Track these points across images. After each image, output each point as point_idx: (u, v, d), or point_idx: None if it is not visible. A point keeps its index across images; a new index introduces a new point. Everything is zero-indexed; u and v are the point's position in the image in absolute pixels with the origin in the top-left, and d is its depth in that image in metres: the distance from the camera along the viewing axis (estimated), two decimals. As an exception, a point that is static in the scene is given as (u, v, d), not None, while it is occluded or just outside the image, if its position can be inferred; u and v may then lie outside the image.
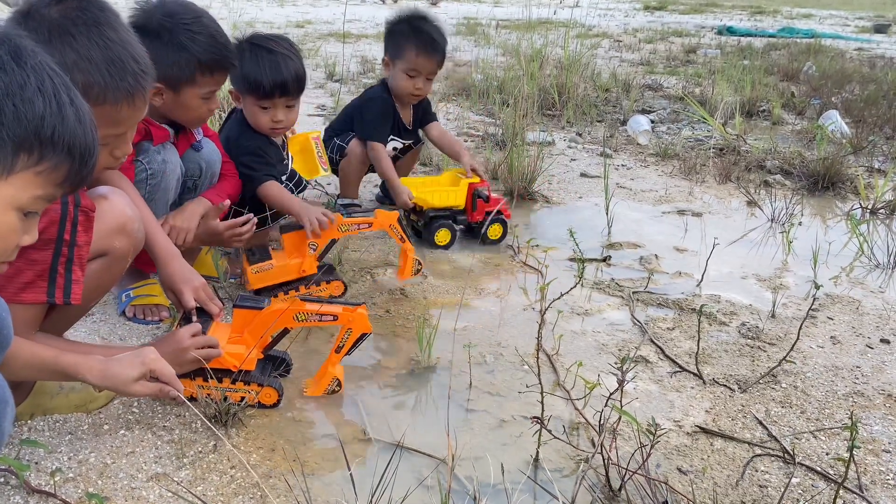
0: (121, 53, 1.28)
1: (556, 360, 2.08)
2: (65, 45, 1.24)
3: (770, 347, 2.21)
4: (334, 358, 1.85)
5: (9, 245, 1.02)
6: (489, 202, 2.86)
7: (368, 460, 1.62)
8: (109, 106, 1.28)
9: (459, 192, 2.86)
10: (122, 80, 1.28)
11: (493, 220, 2.85)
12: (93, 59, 1.25)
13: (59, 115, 0.95)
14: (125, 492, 1.47)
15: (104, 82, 1.26)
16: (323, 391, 1.85)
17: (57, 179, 0.98)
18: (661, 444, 1.72)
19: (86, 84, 1.25)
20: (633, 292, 2.53)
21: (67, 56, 1.24)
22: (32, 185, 0.96)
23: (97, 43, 1.26)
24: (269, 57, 2.35)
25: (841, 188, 3.78)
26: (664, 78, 6.70)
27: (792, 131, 4.96)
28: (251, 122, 2.46)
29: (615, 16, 13.60)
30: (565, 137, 4.64)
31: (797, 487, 1.62)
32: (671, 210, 3.43)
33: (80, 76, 1.24)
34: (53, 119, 0.95)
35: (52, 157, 0.96)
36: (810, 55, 8.01)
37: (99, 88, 1.26)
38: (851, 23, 14.00)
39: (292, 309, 1.77)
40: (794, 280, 2.72)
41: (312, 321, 1.81)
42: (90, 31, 1.26)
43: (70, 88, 0.99)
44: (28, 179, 0.96)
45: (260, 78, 2.35)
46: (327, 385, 1.85)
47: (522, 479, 1.58)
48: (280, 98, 2.38)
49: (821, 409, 1.92)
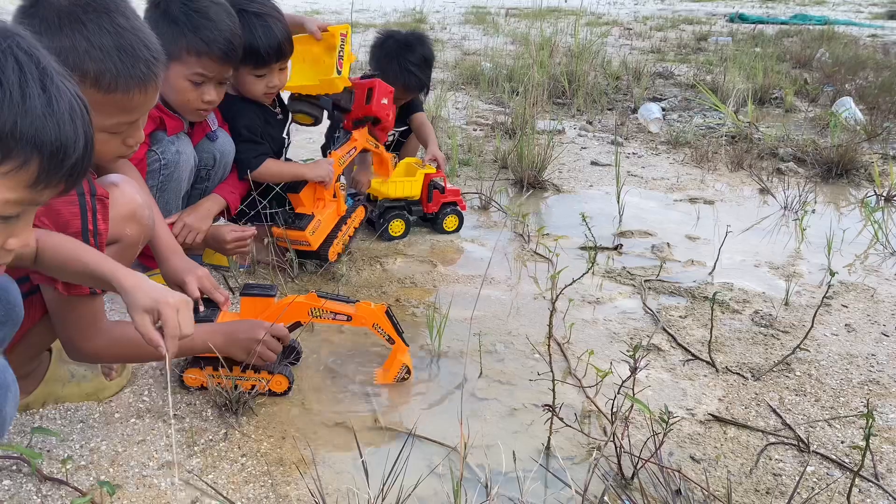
0: (132, 40, 1.27)
1: (567, 348, 2.07)
2: (75, 32, 1.23)
3: (783, 335, 2.19)
4: (397, 348, 1.85)
5: None
6: (445, 193, 2.85)
7: (380, 448, 1.61)
8: (121, 93, 1.27)
9: (415, 183, 2.82)
10: (133, 67, 1.27)
11: (450, 212, 2.86)
12: (104, 46, 1.24)
13: (22, 106, 0.83)
14: (136, 480, 1.47)
15: (116, 69, 1.25)
16: (392, 379, 1.85)
17: (27, 180, 0.87)
18: (674, 433, 1.70)
19: (97, 72, 1.24)
20: (645, 280, 2.51)
21: (78, 44, 1.23)
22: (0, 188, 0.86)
23: (108, 30, 1.25)
24: (260, 22, 2.25)
25: (855, 175, 3.74)
26: (675, 66, 6.64)
27: (805, 118, 4.91)
28: (243, 92, 2.37)
29: (625, 4, 13.50)
30: (575, 126, 4.61)
31: (812, 476, 1.60)
32: (683, 198, 3.40)
33: (91, 64, 1.23)
34: (12, 112, 0.83)
35: (17, 156, 0.84)
36: (823, 42, 7.92)
37: (111, 76, 1.25)
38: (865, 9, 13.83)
39: (309, 303, 1.78)
40: (808, 268, 2.69)
41: (326, 318, 1.81)
42: (100, 18, 1.25)
43: (47, 74, 0.87)
44: None
45: (256, 45, 2.24)
46: (396, 373, 1.85)
47: (534, 467, 1.57)
48: (276, 63, 2.32)
49: (835, 397, 1.90)
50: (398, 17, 9.87)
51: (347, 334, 2.08)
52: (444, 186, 2.85)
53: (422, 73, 3.00)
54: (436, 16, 10.18)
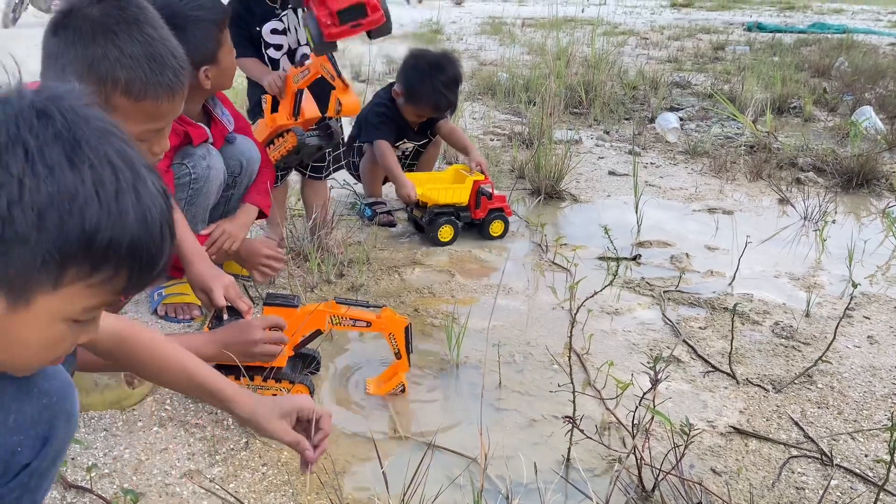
0: (161, 50, 1.30)
1: (587, 359, 2.06)
2: (107, 42, 1.26)
3: (805, 347, 2.18)
4: (401, 364, 1.85)
5: (58, 353, 0.90)
6: (492, 199, 2.89)
7: (399, 458, 1.61)
8: (150, 101, 1.30)
9: (464, 190, 2.88)
10: (162, 75, 1.29)
11: (496, 218, 2.90)
12: (134, 55, 1.27)
13: (120, 220, 0.78)
14: (159, 488, 1.48)
15: (145, 78, 1.28)
16: (385, 393, 1.86)
17: (115, 289, 0.83)
18: (695, 445, 1.69)
19: (128, 80, 1.27)
20: (664, 291, 2.50)
21: (110, 52, 1.26)
22: (84, 296, 0.81)
23: (138, 40, 1.28)
24: None
25: (876, 185, 3.71)
26: (692, 75, 6.62)
27: (824, 128, 4.88)
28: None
29: (641, 13, 13.48)
30: (592, 135, 4.61)
31: (835, 489, 1.58)
32: (701, 208, 3.38)
33: (122, 72, 1.26)
34: (111, 227, 0.77)
35: (107, 268, 0.80)
36: (842, 50, 7.86)
37: (140, 84, 1.28)
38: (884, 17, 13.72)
39: (328, 311, 1.79)
40: (829, 279, 2.67)
41: (346, 325, 1.82)
42: (131, 29, 1.28)
43: (140, 177, 0.81)
44: (79, 291, 0.80)
45: None
46: (392, 388, 1.86)
47: (555, 478, 1.57)
48: None
49: (858, 410, 1.88)
50: (415, 27, 9.92)
51: (367, 343, 2.09)
52: (492, 193, 2.89)
53: (451, 94, 3.06)
54: (452, 26, 10.22)
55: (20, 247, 0.75)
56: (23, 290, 0.78)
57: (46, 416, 0.95)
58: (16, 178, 0.73)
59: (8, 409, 0.91)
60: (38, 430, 0.94)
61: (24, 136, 0.74)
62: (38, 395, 0.94)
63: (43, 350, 0.87)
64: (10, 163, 0.73)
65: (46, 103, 0.77)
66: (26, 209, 0.74)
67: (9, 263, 0.76)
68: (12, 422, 0.91)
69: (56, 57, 1.27)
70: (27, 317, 0.81)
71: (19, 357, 0.87)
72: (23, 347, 0.85)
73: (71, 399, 1.00)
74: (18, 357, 0.87)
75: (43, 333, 0.84)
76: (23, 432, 0.92)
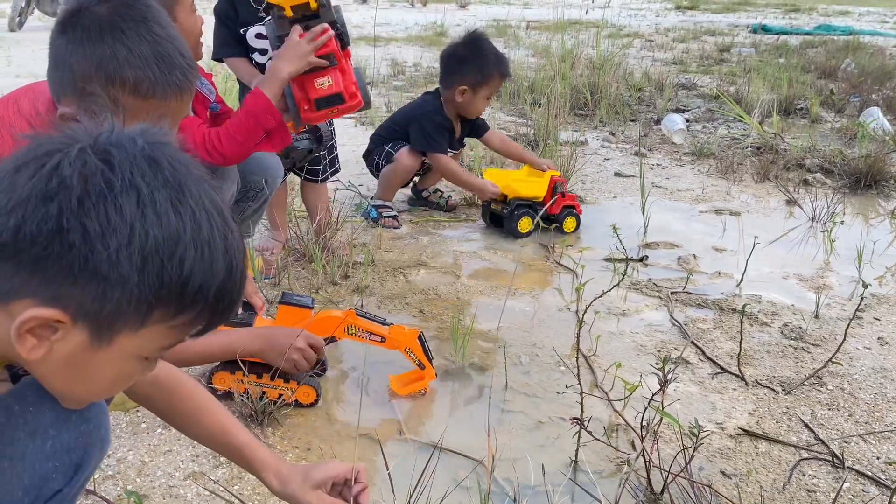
0: (169, 49, 1.29)
1: (594, 361, 2.04)
2: (116, 41, 1.25)
3: (814, 348, 2.15)
4: (430, 372, 1.85)
5: (120, 389, 0.91)
6: (565, 197, 3.01)
7: (405, 461, 1.60)
8: (158, 100, 1.28)
9: (542, 184, 2.99)
10: (171, 74, 1.28)
11: (568, 214, 3.02)
12: (143, 54, 1.26)
13: (211, 267, 0.79)
14: (163, 490, 1.47)
15: (154, 77, 1.26)
16: (407, 394, 1.85)
17: (191, 330, 0.84)
18: (704, 447, 1.67)
19: (136, 79, 1.25)
20: (672, 292, 2.48)
21: (119, 52, 1.24)
22: (162, 336, 0.82)
23: (146, 39, 1.27)
24: None
25: (884, 186, 3.68)
26: (698, 77, 6.60)
27: (831, 129, 4.85)
28: None
29: (646, 16, 13.46)
30: (598, 137, 4.59)
31: (847, 492, 1.56)
32: (708, 209, 3.36)
33: (130, 71, 1.25)
34: (202, 273, 0.78)
35: (191, 312, 0.81)
36: (848, 52, 7.83)
37: (149, 83, 1.26)
38: (890, 19, 13.68)
39: (347, 321, 1.79)
40: (838, 280, 2.65)
41: (361, 337, 1.82)
42: (139, 28, 1.26)
43: (228, 224, 0.82)
44: (159, 332, 0.81)
45: None
46: (415, 391, 1.85)
47: (562, 480, 1.55)
48: None
49: (870, 412, 1.86)
50: (419, 30, 9.93)
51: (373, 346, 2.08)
52: (565, 191, 3.01)
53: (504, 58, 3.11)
54: (456, 29, 10.22)
55: (120, 288, 0.75)
56: (109, 329, 0.78)
57: (82, 443, 0.94)
58: (128, 223, 0.74)
59: (46, 435, 0.90)
60: (73, 458, 0.93)
61: (137, 182, 0.75)
62: (77, 421, 0.93)
63: (111, 385, 0.87)
64: (123, 208, 0.74)
65: (155, 150, 0.78)
66: (133, 253, 0.74)
67: (105, 303, 0.76)
68: (49, 448, 0.90)
69: (64, 56, 1.26)
70: (106, 354, 0.80)
71: (87, 391, 0.87)
72: (95, 382, 0.85)
73: (106, 426, 0.99)
74: (86, 390, 0.87)
75: (116, 370, 0.84)
76: (58, 459, 0.91)
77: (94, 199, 0.73)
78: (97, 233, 0.73)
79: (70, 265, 0.73)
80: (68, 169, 0.73)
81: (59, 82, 1.26)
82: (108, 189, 0.74)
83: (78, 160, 0.74)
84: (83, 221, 0.73)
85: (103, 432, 0.98)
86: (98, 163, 0.74)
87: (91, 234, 0.73)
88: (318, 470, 1.17)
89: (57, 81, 1.27)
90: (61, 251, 0.73)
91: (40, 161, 0.74)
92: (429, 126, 3.02)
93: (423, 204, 3.29)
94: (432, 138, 3.01)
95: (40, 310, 0.75)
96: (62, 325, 0.76)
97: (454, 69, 3.04)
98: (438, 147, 3.02)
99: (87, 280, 0.74)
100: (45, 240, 0.72)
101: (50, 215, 0.72)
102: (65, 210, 0.72)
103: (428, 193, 3.30)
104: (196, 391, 1.20)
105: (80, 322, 0.76)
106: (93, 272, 0.74)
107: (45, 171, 0.73)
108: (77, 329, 0.77)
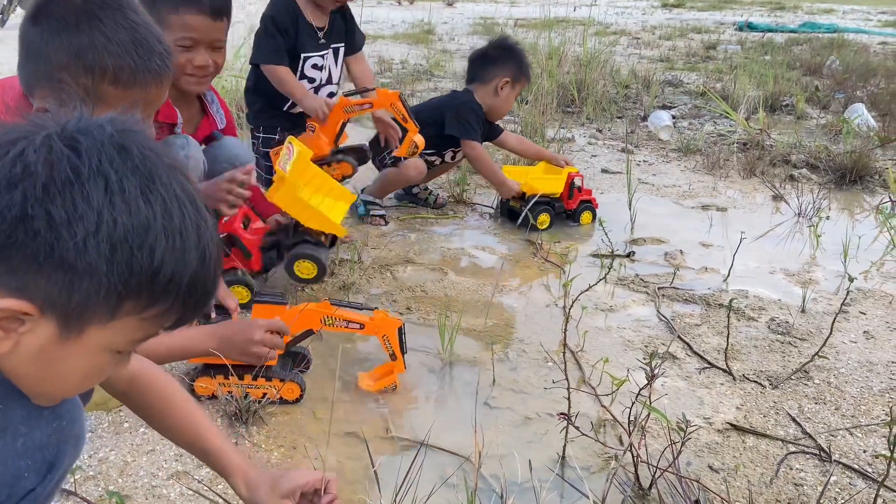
0: (146, 35, 1.27)
1: (581, 356, 2.04)
2: (93, 28, 1.22)
3: (801, 343, 2.16)
4: (399, 365, 1.83)
5: (94, 383, 0.89)
6: (581, 192, 3.09)
7: (392, 458, 1.58)
8: (138, 89, 1.26)
9: (560, 181, 3.06)
10: (150, 61, 1.26)
11: (585, 208, 3.10)
12: (121, 41, 1.23)
13: (183, 256, 0.77)
14: (146, 490, 1.45)
15: (134, 65, 1.24)
16: (377, 389, 1.83)
17: (164, 323, 0.82)
18: (692, 442, 1.67)
19: (116, 67, 1.23)
20: (659, 288, 2.48)
21: (97, 40, 1.22)
22: (134, 329, 0.80)
23: (123, 26, 1.24)
24: None
25: (869, 182, 3.70)
26: (684, 74, 6.62)
27: (817, 125, 4.87)
28: None
29: (633, 13, 13.49)
30: (585, 134, 4.59)
31: (834, 486, 1.56)
32: (695, 205, 3.37)
33: (110, 60, 1.22)
34: (174, 262, 0.76)
35: (163, 303, 0.78)
36: (833, 49, 7.88)
37: (129, 71, 1.24)
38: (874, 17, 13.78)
39: (321, 311, 1.76)
40: (824, 275, 2.66)
41: (339, 326, 1.80)
42: (115, 15, 1.24)
43: (201, 214, 0.80)
44: (131, 324, 0.79)
45: None
46: (385, 386, 1.84)
47: (550, 476, 1.54)
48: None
49: (856, 405, 1.86)
50: (406, 28, 9.90)
51: (358, 343, 2.06)
52: (581, 186, 3.10)
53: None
54: (444, 27, 10.20)
55: (88, 278, 0.73)
56: (78, 321, 0.76)
57: (55, 440, 0.91)
58: (95, 211, 0.71)
59: (17, 433, 0.87)
60: (46, 455, 0.89)
61: (105, 169, 0.73)
62: (50, 418, 0.90)
63: (83, 379, 0.84)
64: (90, 195, 0.72)
65: (125, 137, 0.76)
66: (101, 241, 0.72)
67: (73, 293, 0.73)
68: (21, 446, 0.86)
69: (38, 47, 1.23)
70: (76, 347, 0.78)
71: (57, 386, 0.84)
72: (65, 376, 0.82)
73: (80, 423, 0.96)
74: (56, 386, 0.84)
75: (87, 363, 0.81)
76: (30, 457, 0.88)
77: (59, 185, 0.71)
78: (63, 220, 0.71)
79: (35, 254, 0.71)
80: (33, 155, 0.71)
81: (34, 74, 1.23)
82: (75, 176, 0.71)
83: (43, 147, 0.72)
84: (48, 208, 0.70)
85: (78, 429, 0.95)
86: (64, 149, 0.72)
87: (57, 221, 0.71)
88: (287, 479, 1.14)
89: (31, 74, 1.24)
90: (26, 239, 0.70)
91: (4, 149, 0.72)
92: (468, 114, 3.07)
93: (412, 200, 3.28)
94: (470, 125, 3.05)
95: (6, 301, 0.72)
96: (30, 318, 0.74)
97: (495, 62, 3.12)
98: (475, 135, 3.06)
99: (53, 269, 0.72)
100: (8, 227, 0.70)
101: (14, 202, 0.70)
102: (29, 197, 0.70)
103: (418, 190, 3.28)
104: (171, 391, 1.17)
105: (48, 313, 0.74)
106: (59, 261, 0.71)
107: (9, 158, 0.71)
108: (45, 321, 0.75)
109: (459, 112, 3.06)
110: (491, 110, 3.13)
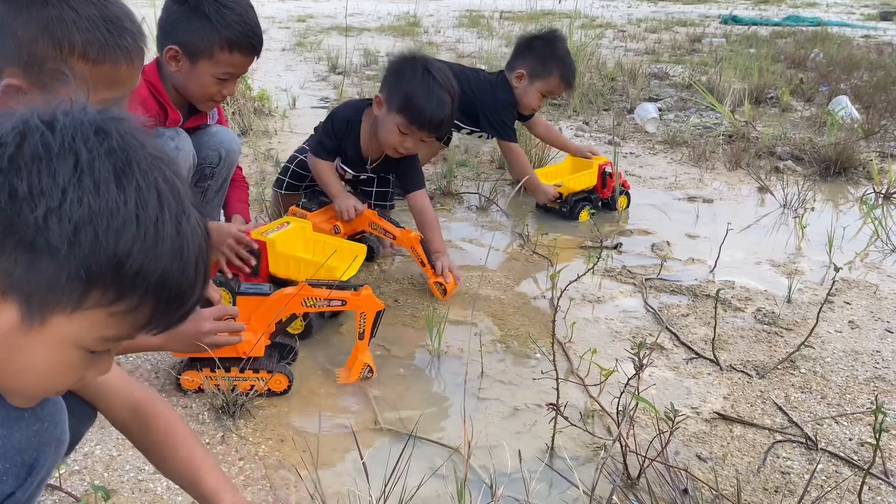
0: (117, 12, 1.24)
1: (569, 347, 2.04)
2: (62, 2, 1.19)
3: (787, 333, 2.17)
4: (361, 345, 1.83)
5: (63, 383, 0.82)
6: (612, 178, 3.11)
7: (380, 450, 1.58)
8: (109, 65, 1.23)
9: (592, 174, 3.09)
10: (121, 38, 1.23)
11: (620, 193, 3.13)
12: (91, 16, 1.20)
13: (154, 249, 0.73)
14: (132, 484, 1.44)
15: (104, 39, 1.21)
16: (356, 378, 1.82)
17: (136, 322, 0.77)
18: (680, 432, 1.68)
19: (85, 42, 1.20)
20: (646, 279, 2.48)
21: (66, 14, 1.19)
22: (103, 325, 0.76)
23: (93, 2, 1.22)
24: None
25: (853, 173, 3.72)
26: (670, 66, 6.63)
27: (801, 117, 4.90)
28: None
29: (618, 6, 13.50)
30: (572, 126, 4.59)
31: (820, 473, 1.57)
32: (682, 197, 3.38)
33: (78, 34, 1.19)
34: (143, 254, 0.72)
35: (131, 298, 0.74)
36: (817, 42, 7.92)
37: (99, 46, 1.21)
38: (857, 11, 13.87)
39: (301, 294, 1.75)
40: (809, 265, 2.67)
41: (321, 306, 1.79)
42: None
43: (184, 210, 0.76)
44: (98, 318, 0.75)
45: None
46: (359, 372, 1.83)
47: (539, 467, 1.54)
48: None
49: (842, 394, 1.87)
50: (392, 20, 9.86)
51: (345, 335, 2.05)
52: (613, 172, 3.10)
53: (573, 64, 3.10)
54: (429, 19, 10.16)
55: (48, 259, 0.70)
56: (41, 306, 0.73)
57: (35, 443, 0.88)
58: (60, 188, 0.69)
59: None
60: (25, 458, 0.87)
61: (77, 147, 0.70)
62: (30, 420, 0.87)
63: (48, 376, 0.80)
64: (57, 171, 0.69)
65: (107, 121, 0.74)
66: (63, 220, 0.69)
67: (33, 273, 0.70)
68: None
69: (6, 22, 1.19)
70: (39, 336, 0.75)
71: (22, 380, 0.80)
72: (29, 370, 0.78)
73: (62, 425, 0.93)
74: (21, 380, 0.80)
75: (52, 357, 0.77)
76: (8, 459, 0.85)
77: (27, 158, 0.69)
78: (24, 194, 0.68)
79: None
80: (8, 128, 0.70)
81: (2, 52, 1.19)
82: (45, 150, 0.69)
83: (20, 121, 0.70)
84: (12, 181, 0.68)
85: (59, 432, 0.92)
86: (39, 124, 0.70)
87: (18, 195, 0.68)
88: None
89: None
90: None
91: None
92: (503, 115, 3.07)
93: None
94: (506, 126, 3.07)
95: None
96: None
97: (519, 53, 3.10)
98: (513, 135, 3.09)
99: (12, 247, 0.69)
100: None
101: None
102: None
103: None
104: (172, 425, 1.13)
105: (8, 296, 0.72)
106: (19, 238, 0.69)
107: None
108: (7, 304, 0.72)
109: (501, 116, 3.06)
110: (517, 100, 3.09)
